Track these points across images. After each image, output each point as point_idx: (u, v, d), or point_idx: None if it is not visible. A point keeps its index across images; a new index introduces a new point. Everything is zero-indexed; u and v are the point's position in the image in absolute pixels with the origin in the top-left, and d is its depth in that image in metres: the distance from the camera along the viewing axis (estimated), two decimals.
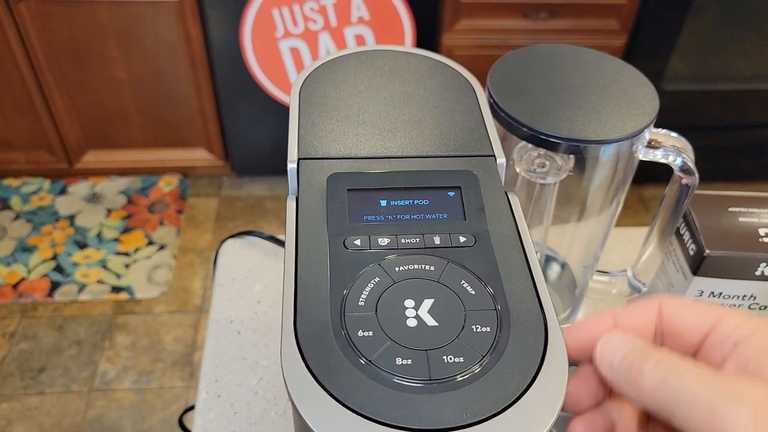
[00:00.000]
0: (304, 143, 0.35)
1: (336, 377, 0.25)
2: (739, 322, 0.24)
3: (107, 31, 1.57)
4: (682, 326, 0.26)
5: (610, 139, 0.38)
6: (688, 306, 0.26)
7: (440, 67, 0.41)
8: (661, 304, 0.27)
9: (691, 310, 0.26)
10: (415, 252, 0.30)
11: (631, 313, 0.27)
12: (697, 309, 0.26)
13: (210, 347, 0.60)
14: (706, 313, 0.26)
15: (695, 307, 0.26)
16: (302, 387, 0.25)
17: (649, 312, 0.27)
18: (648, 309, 0.27)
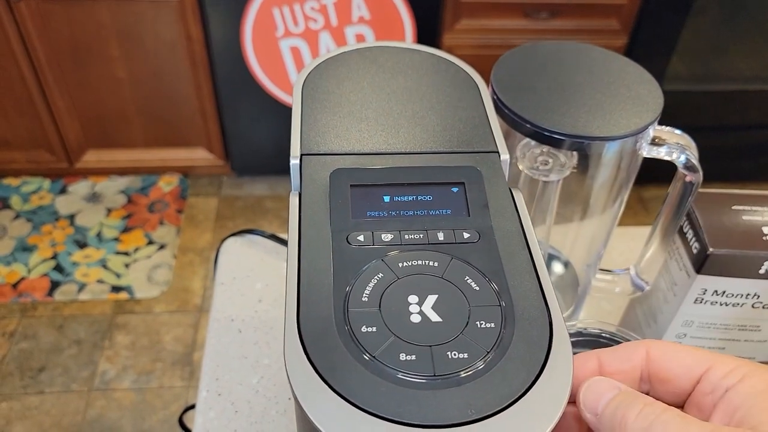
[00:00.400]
0: (306, 139, 0.35)
1: (339, 373, 0.25)
2: (731, 368, 0.24)
3: (108, 31, 1.57)
4: (671, 372, 0.25)
5: (614, 135, 0.38)
6: (678, 351, 0.25)
7: (443, 63, 0.41)
8: (649, 348, 0.26)
9: (681, 355, 0.25)
10: (419, 248, 0.29)
11: (617, 356, 0.27)
12: (687, 354, 0.25)
13: (211, 346, 0.60)
14: (697, 358, 0.25)
15: (685, 352, 0.25)
16: (305, 383, 0.25)
17: (636, 356, 0.26)
18: (635, 353, 0.26)
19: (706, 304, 0.48)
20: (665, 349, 0.26)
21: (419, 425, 0.23)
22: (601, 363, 0.27)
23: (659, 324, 0.51)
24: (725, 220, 0.46)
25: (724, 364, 0.24)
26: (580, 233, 0.47)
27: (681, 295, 0.48)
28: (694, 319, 0.49)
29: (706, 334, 0.50)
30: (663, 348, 0.26)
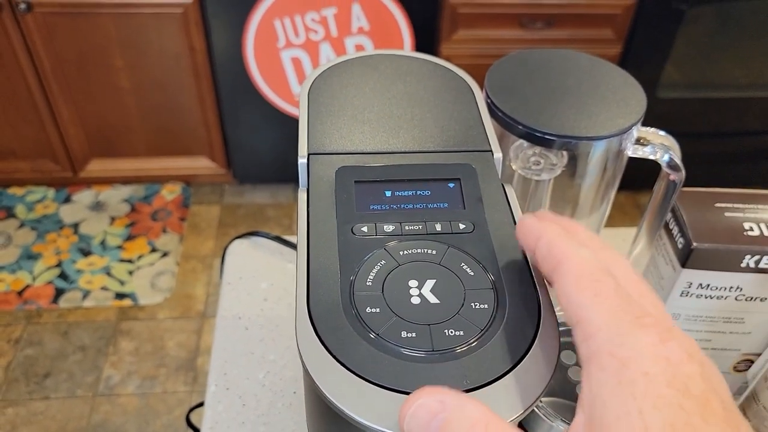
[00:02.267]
0: (313, 140, 0.37)
1: (347, 349, 0.27)
2: (585, 336, 0.24)
3: (112, 42, 1.60)
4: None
5: (600, 135, 0.40)
6: (570, 293, 0.27)
7: (440, 69, 0.43)
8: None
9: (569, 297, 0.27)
10: (418, 238, 0.32)
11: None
12: (571, 298, 0.26)
13: (218, 343, 0.62)
14: (572, 310, 0.26)
15: (571, 295, 0.26)
16: (316, 358, 0.27)
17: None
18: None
19: (691, 297, 0.50)
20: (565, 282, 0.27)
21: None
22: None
23: None
24: (709, 216, 0.49)
25: (586, 325, 0.24)
26: None
27: (668, 289, 0.50)
28: (680, 312, 0.51)
29: (692, 326, 0.52)
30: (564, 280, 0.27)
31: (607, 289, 0.24)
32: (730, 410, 0.21)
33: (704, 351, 0.54)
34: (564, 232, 0.27)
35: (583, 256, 0.26)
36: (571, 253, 0.26)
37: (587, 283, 0.24)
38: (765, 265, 0.47)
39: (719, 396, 0.21)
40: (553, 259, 0.26)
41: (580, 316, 0.24)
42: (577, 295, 0.24)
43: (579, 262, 0.25)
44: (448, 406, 0.23)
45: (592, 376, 0.22)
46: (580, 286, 0.24)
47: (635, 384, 0.21)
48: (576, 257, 0.26)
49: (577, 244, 0.26)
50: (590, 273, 0.25)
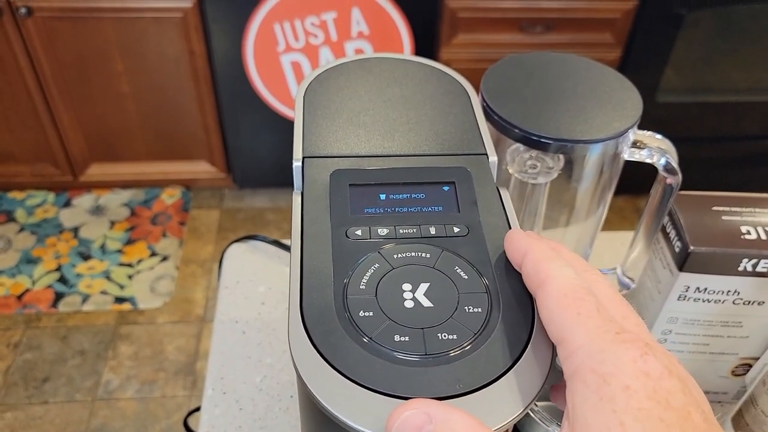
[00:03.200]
0: (308, 143, 0.37)
1: (339, 353, 0.27)
2: (569, 353, 0.25)
3: (112, 47, 1.60)
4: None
5: (596, 138, 0.40)
6: (552, 309, 0.28)
7: (436, 73, 0.43)
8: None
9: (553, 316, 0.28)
10: (412, 241, 0.32)
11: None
12: (553, 317, 0.27)
13: (216, 347, 0.62)
14: (556, 328, 0.27)
15: (554, 313, 0.27)
16: (308, 362, 0.27)
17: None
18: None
19: (689, 301, 0.50)
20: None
21: (411, 398, 0.25)
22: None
23: (646, 321, 0.53)
24: (706, 220, 0.49)
25: (569, 343, 0.24)
26: (567, 234, 0.49)
27: (665, 293, 0.50)
28: (678, 316, 0.51)
29: (690, 330, 0.52)
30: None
31: (589, 308, 0.24)
32: (710, 423, 0.21)
33: (702, 355, 0.54)
34: (549, 251, 0.28)
35: (567, 275, 0.26)
36: (555, 272, 0.26)
37: (570, 302, 0.25)
38: (762, 268, 0.47)
39: (700, 409, 0.21)
40: (537, 276, 0.27)
41: (563, 334, 0.25)
42: (560, 314, 0.25)
43: (562, 282, 0.26)
44: (435, 419, 0.23)
45: (576, 392, 0.23)
46: (563, 304, 0.25)
47: (616, 398, 0.21)
48: (560, 277, 0.26)
49: (561, 264, 0.27)
50: (573, 292, 0.25)
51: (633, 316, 0.26)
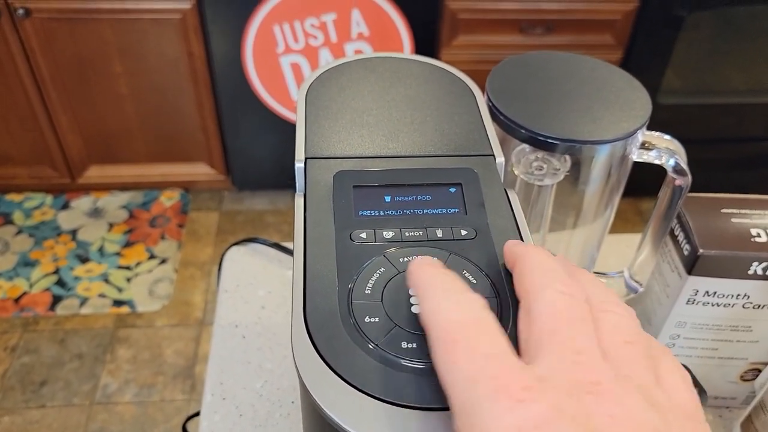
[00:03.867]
0: (311, 144, 0.36)
1: (344, 360, 0.26)
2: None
3: (111, 48, 1.59)
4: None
5: (604, 139, 0.39)
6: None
7: (440, 72, 0.42)
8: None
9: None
10: (419, 244, 0.31)
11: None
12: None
13: (215, 351, 0.61)
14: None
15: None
16: (312, 369, 0.26)
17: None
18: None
19: (698, 305, 0.49)
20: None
21: (420, 407, 0.25)
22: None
23: (654, 325, 0.52)
24: (715, 222, 0.48)
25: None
26: (574, 237, 0.49)
27: (674, 297, 0.49)
28: (686, 320, 0.50)
29: (699, 334, 0.51)
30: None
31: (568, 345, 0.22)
32: None
33: (711, 360, 0.53)
34: (540, 265, 0.26)
35: (547, 299, 0.24)
36: (537, 295, 0.24)
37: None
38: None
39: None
40: (520, 291, 0.26)
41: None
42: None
43: (545, 306, 0.23)
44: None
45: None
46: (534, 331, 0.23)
47: None
48: (541, 301, 0.24)
49: (548, 282, 0.24)
50: (560, 320, 0.23)
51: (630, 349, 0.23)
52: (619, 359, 0.22)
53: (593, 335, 0.22)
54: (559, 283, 0.24)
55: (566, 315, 0.23)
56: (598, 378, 0.20)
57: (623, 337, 0.23)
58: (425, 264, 0.26)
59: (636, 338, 0.23)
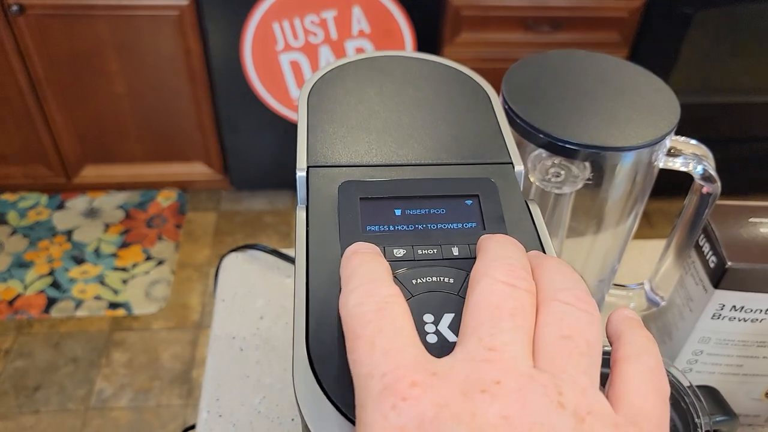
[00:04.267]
0: (313, 151, 0.33)
1: (352, 397, 0.23)
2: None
3: (106, 45, 1.56)
4: None
5: (631, 146, 0.36)
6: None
7: (452, 72, 0.39)
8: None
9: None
10: (433, 263, 0.28)
11: None
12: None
13: (211, 365, 0.58)
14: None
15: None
16: (316, 407, 0.23)
17: None
18: None
19: (723, 320, 0.46)
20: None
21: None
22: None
23: (675, 341, 0.49)
24: (742, 232, 0.45)
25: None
26: (594, 248, 0.46)
27: (697, 311, 0.46)
28: (711, 336, 0.48)
29: (723, 350, 0.48)
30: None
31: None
32: None
33: (735, 377, 0.50)
34: (489, 251, 0.24)
35: (481, 290, 0.22)
36: (474, 284, 0.23)
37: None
38: None
39: None
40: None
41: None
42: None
43: (477, 297, 0.22)
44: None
45: None
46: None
47: None
48: (475, 291, 0.23)
49: (489, 270, 0.23)
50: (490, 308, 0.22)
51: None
52: (548, 355, 0.20)
53: (523, 329, 0.21)
54: (501, 271, 0.23)
55: (495, 307, 0.21)
56: (501, 376, 0.19)
57: (562, 330, 0.21)
58: (355, 252, 0.25)
59: (578, 333, 0.21)
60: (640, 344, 0.23)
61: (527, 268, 0.24)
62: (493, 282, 0.23)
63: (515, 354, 0.20)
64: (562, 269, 0.24)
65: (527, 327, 0.21)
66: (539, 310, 0.22)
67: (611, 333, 0.25)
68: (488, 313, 0.21)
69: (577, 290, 0.23)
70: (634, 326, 0.24)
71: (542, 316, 0.22)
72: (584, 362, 0.21)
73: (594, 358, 0.21)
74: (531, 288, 0.23)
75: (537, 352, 0.21)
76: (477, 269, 0.24)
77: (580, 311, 0.22)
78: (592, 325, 0.22)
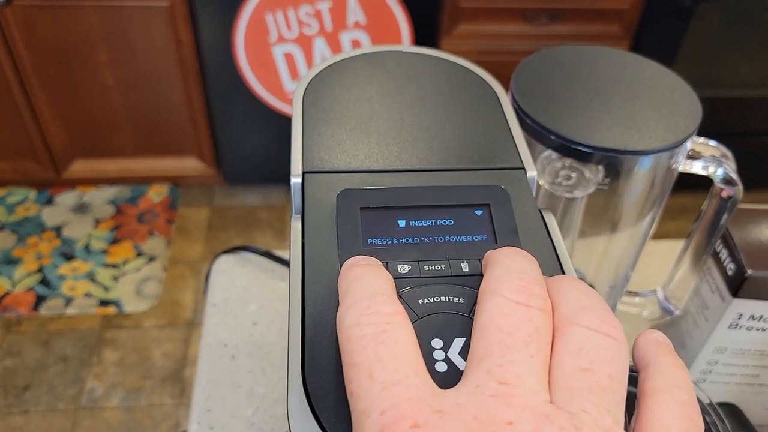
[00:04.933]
0: (309, 155, 0.31)
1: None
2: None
3: (96, 36, 1.53)
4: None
5: (650, 149, 0.34)
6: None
7: (458, 69, 0.37)
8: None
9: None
10: (441, 281, 0.25)
11: None
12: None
13: (202, 374, 0.56)
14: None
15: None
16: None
17: None
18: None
19: (741, 330, 0.44)
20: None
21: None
22: None
23: (688, 350, 0.47)
24: (763, 239, 0.43)
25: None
26: (607, 254, 0.43)
27: (714, 320, 0.44)
28: (727, 345, 0.45)
29: (739, 360, 0.46)
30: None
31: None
32: None
33: (749, 387, 0.48)
34: (499, 265, 0.22)
35: (490, 310, 0.20)
36: (482, 304, 0.21)
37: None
38: None
39: None
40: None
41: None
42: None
43: (486, 319, 0.20)
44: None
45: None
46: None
47: None
48: (484, 312, 0.20)
49: (498, 287, 0.21)
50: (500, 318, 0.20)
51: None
52: (566, 390, 0.18)
53: (537, 359, 0.19)
54: (512, 287, 0.21)
55: (507, 333, 0.19)
56: (514, 416, 0.17)
57: (582, 362, 0.19)
58: (354, 264, 0.23)
59: (600, 365, 0.19)
60: (671, 375, 0.21)
61: (542, 282, 0.22)
62: (503, 302, 0.20)
63: (529, 389, 0.18)
64: (577, 286, 0.22)
65: (543, 356, 0.19)
66: (556, 335, 0.20)
67: (638, 359, 0.22)
68: (498, 340, 0.19)
69: (599, 311, 0.21)
70: (664, 353, 0.22)
71: (560, 343, 0.20)
72: (607, 399, 0.18)
73: (618, 393, 0.19)
74: (547, 306, 0.21)
75: (553, 383, 0.19)
76: (485, 286, 0.22)
77: (603, 337, 0.20)
78: (618, 353, 0.20)
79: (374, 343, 0.19)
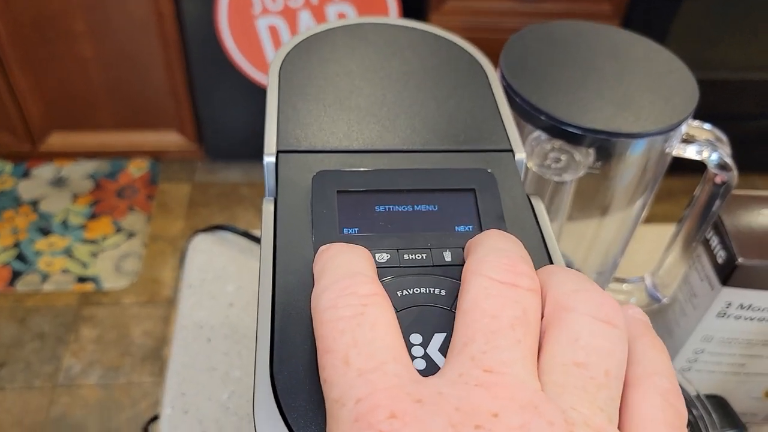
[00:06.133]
0: (284, 133, 0.29)
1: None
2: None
3: (73, 6, 1.48)
4: None
5: (644, 132, 0.32)
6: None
7: (445, 43, 0.35)
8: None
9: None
10: (422, 271, 0.24)
11: None
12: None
13: (176, 356, 0.54)
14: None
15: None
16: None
17: None
18: None
19: (729, 318, 0.43)
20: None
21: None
22: None
23: (675, 338, 0.46)
24: (754, 226, 0.41)
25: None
26: (596, 239, 0.42)
27: (702, 309, 0.43)
28: (714, 334, 0.44)
29: (726, 349, 0.45)
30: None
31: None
32: None
33: (735, 376, 0.47)
34: (482, 244, 0.21)
35: (474, 291, 0.19)
36: (464, 285, 0.20)
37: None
38: None
39: None
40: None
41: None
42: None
43: (469, 302, 0.19)
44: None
45: None
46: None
47: None
48: (466, 293, 0.19)
49: (482, 267, 0.19)
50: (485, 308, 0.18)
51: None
52: (557, 384, 0.17)
53: (525, 343, 0.17)
54: (497, 266, 0.19)
55: (491, 316, 0.18)
56: (500, 408, 0.16)
57: (577, 356, 0.17)
58: (333, 245, 0.22)
59: (596, 360, 0.17)
60: (651, 360, 0.19)
61: (529, 261, 0.20)
62: (487, 282, 0.19)
63: (516, 377, 0.17)
64: (572, 271, 0.20)
65: (531, 340, 0.18)
66: (550, 322, 0.18)
67: None
68: (482, 325, 0.18)
69: (596, 293, 0.19)
70: (642, 333, 0.20)
71: (554, 331, 0.18)
72: (602, 397, 0.17)
73: (614, 389, 0.17)
74: (534, 286, 0.19)
75: (543, 375, 0.17)
76: (468, 267, 0.20)
77: (602, 324, 0.18)
78: (617, 344, 0.18)
79: (351, 327, 0.18)
